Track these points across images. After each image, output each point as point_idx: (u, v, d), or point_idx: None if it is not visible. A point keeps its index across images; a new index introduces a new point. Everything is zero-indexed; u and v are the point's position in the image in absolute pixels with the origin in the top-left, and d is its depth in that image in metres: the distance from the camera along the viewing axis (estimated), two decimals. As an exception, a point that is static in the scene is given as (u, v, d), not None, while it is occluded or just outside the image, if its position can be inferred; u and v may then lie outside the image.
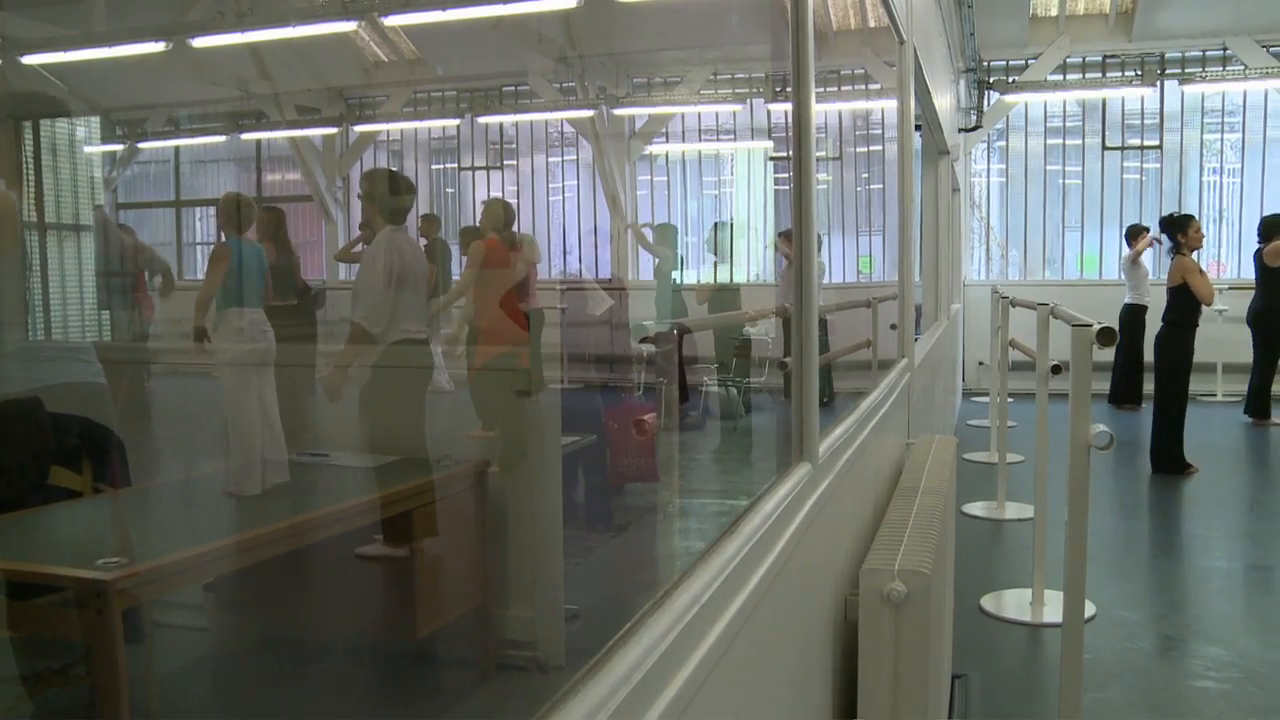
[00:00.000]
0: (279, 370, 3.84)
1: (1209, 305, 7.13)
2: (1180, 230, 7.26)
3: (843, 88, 7.32)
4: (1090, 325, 2.78)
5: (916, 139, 6.87)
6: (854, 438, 2.18)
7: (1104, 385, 10.39)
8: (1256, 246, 9.51)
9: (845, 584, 2.13)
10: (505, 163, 10.36)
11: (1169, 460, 7.27)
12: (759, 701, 1.48)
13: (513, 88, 9.76)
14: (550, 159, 11.19)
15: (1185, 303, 7.11)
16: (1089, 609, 4.60)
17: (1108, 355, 9.94)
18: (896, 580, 1.97)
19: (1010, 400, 7.83)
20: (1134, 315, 10.07)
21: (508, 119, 10.14)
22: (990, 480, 6.44)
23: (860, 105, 8.21)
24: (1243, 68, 11.44)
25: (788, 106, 4.57)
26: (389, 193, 3.90)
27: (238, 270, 3.69)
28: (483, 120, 9.72)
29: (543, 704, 0.91)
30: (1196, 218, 7.56)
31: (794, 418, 1.76)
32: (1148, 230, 10.48)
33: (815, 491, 1.73)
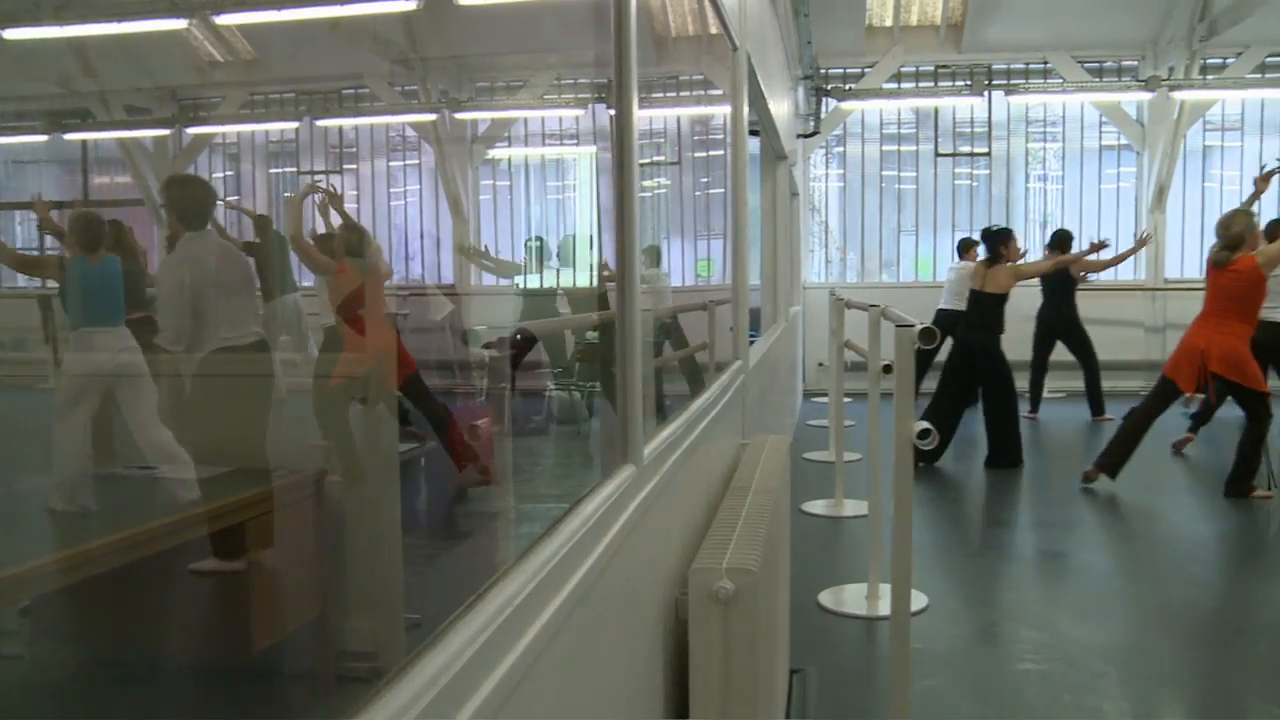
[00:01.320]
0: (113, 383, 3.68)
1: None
2: (1003, 243, 7.65)
3: (682, 93, 7.40)
4: (914, 325, 2.87)
5: (755, 144, 7.00)
6: (683, 439, 2.21)
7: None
8: (1049, 252, 9.96)
9: (676, 584, 2.15)
10: (345, 167, 10.16)
11: (1006, 456, 7.62)
12: (584, 702, 1.49)
13: (353, 91, 9.58)
14: (392, 163, 11.02)
15: (998, 308, 7.49)
16: (921, 600, 4.75)
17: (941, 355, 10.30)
18: (724, 578, 2.00)
19: (848, 400, 8.04)
20: (950, 320, 10.43)
21: (348, 122, 9.94)
22: (830, 479, 6.60)
23: (700, 111, 8.31)
24: (1061, 81, 11.99)
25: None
26: (184, 198, 3.74)
27: (81, 291, 3.52)
28: (322, 123, 9.51)
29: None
30: (1014, 231, 7.97)
31: (618, 420, 1.77)
32: (978, 244, 10.84)
33: (640, 493, 1.75)
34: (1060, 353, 10.09)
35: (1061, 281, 9.78)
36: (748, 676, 2.08)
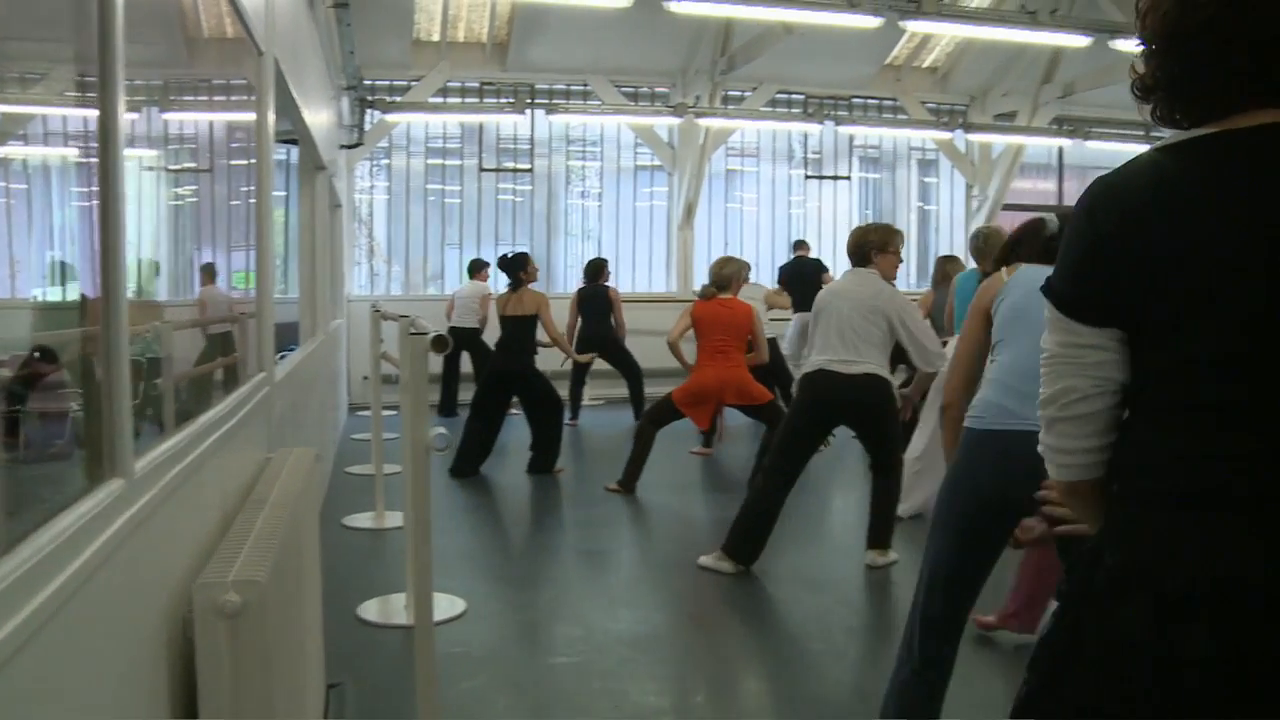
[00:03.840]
0: None
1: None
2: (521, 268, 8.01)
3: (216, 97, 7.09)
4: (425, 334, 2.93)
5: (292, 153, 6.85)
6: (187, 452, 2.13)
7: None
8: (588, 281, 10.51)
9: (184, 603, 2.07)
10: None
11: (547, 461, 7.94)
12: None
13: None
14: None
15: (531, 330, 7.97)
16: (459, 605, 4.83)
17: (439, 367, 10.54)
18: (230, 591, 1.95)
19: (391, 413, 8.05)
20: (462, 336, 10.69)
21: None
22: (373, 492, 6.55)
23: (239, 116, 8.00)
24: (600, 103, 12.61)
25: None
26: None
27: None
28: None
29: None
30: (530, 254, 8.44)
31: (104, 432, 1.69)
32: (488, 265, 11.00)
33: (130, 508, 1.67)
34: (601, 362, 10.62)
35: (599, 303, 10.31)
36: (261, 692, 2.04)
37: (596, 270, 10.56)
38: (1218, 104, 1.49)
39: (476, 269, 11.08)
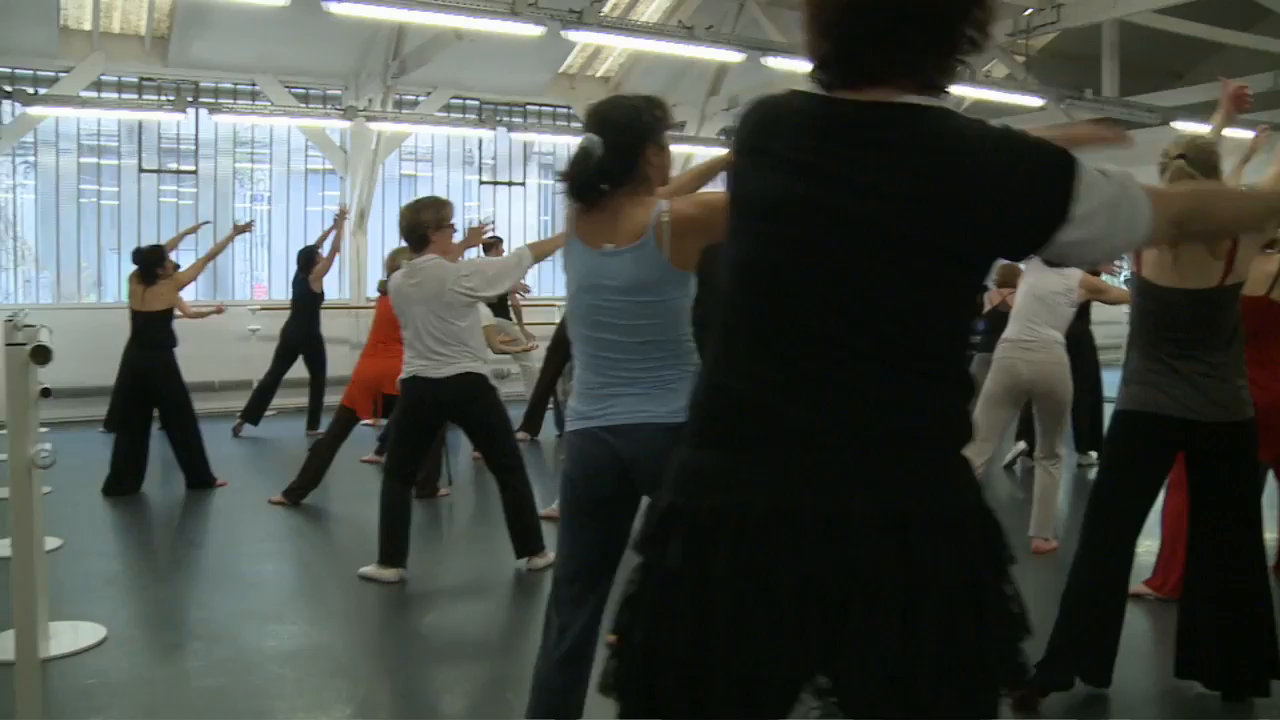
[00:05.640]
0: None
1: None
2: (157, 264, 7.67)
3: None
4: (24, 345, 2.78)
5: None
6: None
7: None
8: (296, 272, 10.18)
9: None
10: None
11: (202, 476, 7.60)
12: None
13: None
14: None
15: (167, 324, 7.64)
16: (98, 633, 4.59)
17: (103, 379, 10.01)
18: None
19: (42, 429, 7.52)
20: None
21: None
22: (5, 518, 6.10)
23: None
24: (269, 104, 12.20)
25: None
26: None
27: None
28: None
29: None
30: (165, 249, 8.04)
31: None
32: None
33: None
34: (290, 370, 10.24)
35: (307, 298, 10.01)
36: None
37: (306, 259, 10.10)
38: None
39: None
